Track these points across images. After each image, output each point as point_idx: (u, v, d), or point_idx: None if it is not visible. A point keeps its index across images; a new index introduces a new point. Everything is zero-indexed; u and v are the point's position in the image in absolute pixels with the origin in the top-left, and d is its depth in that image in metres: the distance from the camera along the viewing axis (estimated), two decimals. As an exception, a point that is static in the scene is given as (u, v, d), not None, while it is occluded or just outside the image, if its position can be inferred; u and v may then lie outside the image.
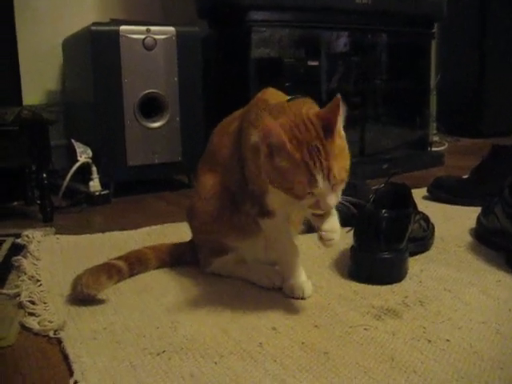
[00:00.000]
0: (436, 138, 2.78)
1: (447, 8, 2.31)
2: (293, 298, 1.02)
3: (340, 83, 2.17)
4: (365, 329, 0.89)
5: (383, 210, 1.08)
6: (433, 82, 2.66)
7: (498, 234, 1.21)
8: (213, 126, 2.08)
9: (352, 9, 2.02)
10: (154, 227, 1.50)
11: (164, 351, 0.83)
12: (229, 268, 1.11)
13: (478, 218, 1.35)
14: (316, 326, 0.90)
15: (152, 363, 0.80)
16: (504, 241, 1.17)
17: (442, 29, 3.08)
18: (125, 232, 1.47)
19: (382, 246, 1.07)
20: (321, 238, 0.92)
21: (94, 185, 1.81)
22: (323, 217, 0.93)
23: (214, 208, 1.05)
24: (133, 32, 1.81)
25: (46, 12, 2.22)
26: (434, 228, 1.31)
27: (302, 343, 0.84)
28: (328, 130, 0.84)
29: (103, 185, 1.84)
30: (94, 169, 1.81)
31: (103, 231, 1.48)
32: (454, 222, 1.46)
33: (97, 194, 1.80)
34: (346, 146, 0.89)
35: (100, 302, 1.01)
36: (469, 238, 1.34)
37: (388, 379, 0.74)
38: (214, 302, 1.01)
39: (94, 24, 1.78)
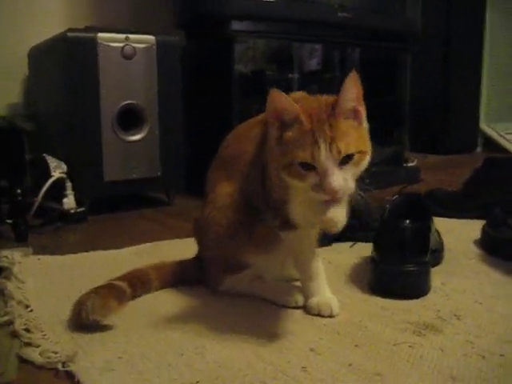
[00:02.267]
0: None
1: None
2: (319, 316, 0.94)
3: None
4: (410, 346, 0.82)
5: (406, 221, 1.03)
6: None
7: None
8: (192, 140, 2.01)
9: (333, 21, 2.00)
10: (142, 245, 1.39)
11: (198, 381, 0.73)
12: (243, 286, 1.02)
13: (484, 230, 1.32)
14: (357, 346, 0.83)
15: (188, 395, 0.70)
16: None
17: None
18: (111, 251, 1.35)
19: (407, 258, 1.01)
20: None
21: (69, 202, 1.68)
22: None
23: (231, 219, 0.96)
24: (111, 40, 1.70)
25: (8, 21, 2.07)
26: (442, 240, 1.27)
27: (349, 365, 0.77)
28: (335, 107, 0.80)
29: (77, 202, 1.70)
30: (69, 184, 1.68)
31: (86, 250, 1.35)
32: (455, 235, 1.43)
33: (72, 211, 1.66)
34: (365, 129, 0.84)
35: (107, 328, 0.89)
36: (476, 250, 1.31)
37: (458, 401, 0.67)
38: (236, 324, 0.91)
39: (70, 30, 1.66)
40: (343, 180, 0.78)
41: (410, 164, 2.57)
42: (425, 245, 1.05)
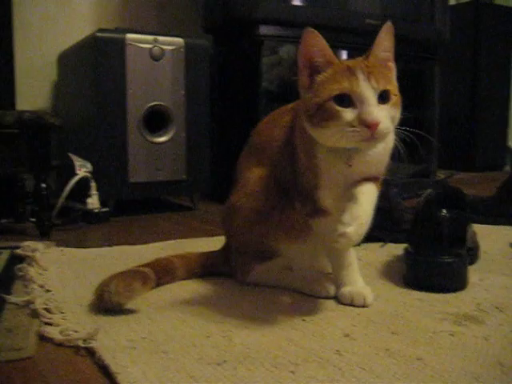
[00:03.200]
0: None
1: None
2: (351, 305, 0.89)
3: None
4: (450, 334, 0.77)
5: (443, 210, 0.98)
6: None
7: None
8: (219, 144, 1.99)
9: (361, 28, 1.98)
10: (167, 242, 1.36)
11: (225, 361, 0.69)
12: (273, 276, 0.98)
13: (522, 231, 1.27)
14: (394, 333, 0.78)
15: (215, 374, 0.65)
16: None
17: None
18: (136, 246, 1.32)
19: (444, 249, 0.96)
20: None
21: (93, 202, 1.66)
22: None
23: (262, 204, 0.93)
24: (140, 41, 1.71)
25: (39, 29, 2.10)
26: (478, 240, 1.21)
27: (387, 350, 0.72)
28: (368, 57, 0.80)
29: (101, 202, 1.69)
30: (93, 184, 1.66)
31: (110, 246, 1.33)
32: (491, 238, 1.37)
33: (95, 211, 1.65)
34: (394, 74, 0.84)
35: (130, 311, 0.86)
36: (514, 252, 1.25)
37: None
38: (265, 311, 0.87)
39: (100, 30, 1.67)
40: (383, 115, 0.75)
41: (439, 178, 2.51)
42: (462, 236, 1.00)
